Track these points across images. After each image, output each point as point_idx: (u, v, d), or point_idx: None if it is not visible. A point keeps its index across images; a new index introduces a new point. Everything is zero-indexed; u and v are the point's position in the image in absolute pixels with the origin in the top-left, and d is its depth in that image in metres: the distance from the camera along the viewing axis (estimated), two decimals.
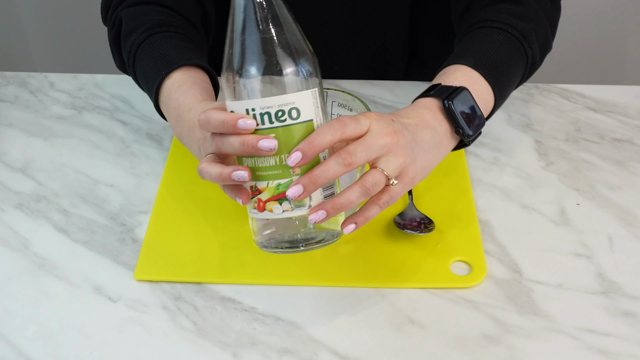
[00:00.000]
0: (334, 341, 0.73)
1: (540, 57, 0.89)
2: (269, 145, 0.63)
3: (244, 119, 0.63)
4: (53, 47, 2.03)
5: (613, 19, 1.89)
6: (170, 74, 0.82)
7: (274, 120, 0.63)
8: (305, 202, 0.65)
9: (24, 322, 0.75)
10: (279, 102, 0.63)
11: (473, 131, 0.76)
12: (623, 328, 0.74)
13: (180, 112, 0.79)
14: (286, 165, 0.64)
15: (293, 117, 0.63)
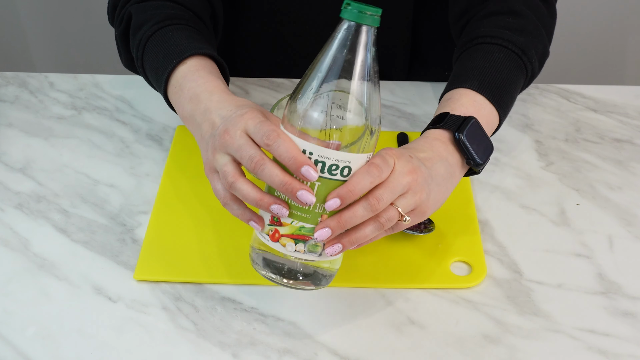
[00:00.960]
0: (334, 341, 0.73)
1: (539, 68, 0.89)
2: (307, 200, 0.63)
3: (310, 170, 0.62)
4: (53, 47, 2.03)
5: (613, 19, 1.89)
6: (185, 61, 0.80)
7: (325, 172, 0.63)
8: (319, 249, 0.66)
9: (24, 322, 0.75)
10: (337, 157, 0.63)
11: (483, 159, 0.76)
12: (623, 328, 0.74)
13: (197, 92, 0.76)
14: (318, 213, 0.65)
15: (344, 174, 0.64)
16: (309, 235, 0.65)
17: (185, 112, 0.78)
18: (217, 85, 0.77)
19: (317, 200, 0.64)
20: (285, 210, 0.65)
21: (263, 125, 0.65)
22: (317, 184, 0.64)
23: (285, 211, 0.65)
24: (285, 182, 0.63)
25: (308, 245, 0.66)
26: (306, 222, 0.65)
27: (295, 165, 0.63)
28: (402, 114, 1.02)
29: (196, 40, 0.84)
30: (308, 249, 0.66)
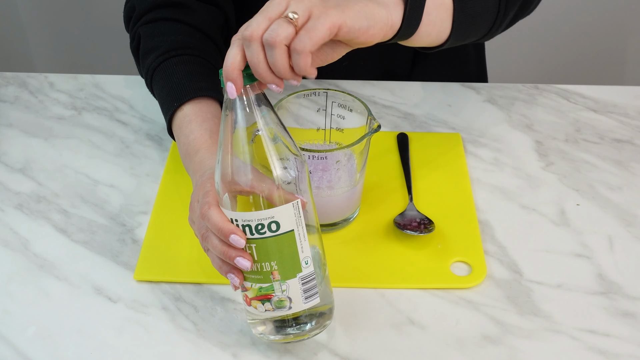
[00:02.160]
0: (334, 341, 0.73)
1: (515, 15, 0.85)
2: (243, 266, 0.66)
3: (237, 237, 0.65)
4: (53, 47, 2.03)
5: (613, 19, 1.89)
6: (182, 107, 0.84)
7: (254, 233, 0.65)
8: (286, 304, 0.67)
9: (24, 322, 0.75)
10: (258, 216, 0.65)
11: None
12: (623, 328, 0.74)
13: (188, 150, 0.80)
14: (268, 271, 0.66)
15: (272, 230, 0.65)
16: (270, 293, 0.67)
17: (185, 166, 0.82)
18: (203, 141, 0.79)
19: (260, 260, 0.66)
20: (237, 279, 0.67)
21: (203, 198, 0.68)
22: (253, 245, 0.65)
23: (237, 280, 0.67)
24: (224, 251, 0.66)
25: (273, 302, 0.67)
26: (261, 282, 0.67)
27: (223, 235, 0.65)
28: (402, 114, 1.02)
29: (197, 78, 0.86)
30: (275, 306, 0.67)
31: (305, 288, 0.67)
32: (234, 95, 0.64)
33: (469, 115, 1.02)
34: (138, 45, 0.92)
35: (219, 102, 0.86)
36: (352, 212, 0.84)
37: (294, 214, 0.65)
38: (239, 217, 0.65)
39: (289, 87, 1.06)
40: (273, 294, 0.67)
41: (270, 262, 0.66)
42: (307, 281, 0.67)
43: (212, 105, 0.84)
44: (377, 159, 0.92)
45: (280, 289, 0.67)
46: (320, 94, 0.82)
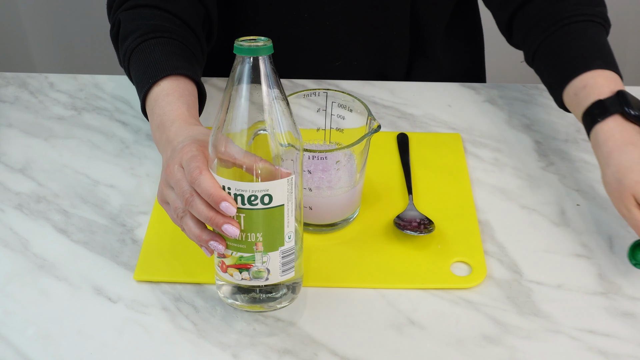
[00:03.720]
0: (334, 341, 0.73)
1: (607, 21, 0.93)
2: (231, 233, 0.66)
3: (228, 204, 0.65)
4: (53, 47, 2.03)
5: (613, 19, 1.89)
6: (159, 82, 0.83)
7: (246, 203, 0.65)
8: (264, 275, 0.68)
9: (24, 323, 0.75)
10: (254, 187, 0.65)
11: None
12: (623, 329, 0.74)
13: (163, 120, 0.79)
14: (252, 242, 0.67)
15: (265, 202, 0.65)
16: (250, 263, 0.68)
17: (155, 139, 0.81)
18: (180, 113, 0.79)
19: (246, 230, 0.66)
20: (221, 247, 0.67)
21: (191, 162, 0.67)
22: (242, 215, 0.66)
23: (221, 247, 0.67)
24: (210, 217, 0.66)
25: (252, 272, 0.68)
26: (243, 252, 0.67)
27: (214, 201, 0.65)
28: (402, 114, 1.02)
29: (174, 58, 0.85)
30: (253, 276, 0.68)
31: (284, 261, 0.69)
32: None
33: (469, 116, 1.02)
34: (118, 31, 0.92)
35: (195, 83, 0.85)
36: (352, 212, 0.84)
37: (287, 190, 0.66)
38: (233, 185, 0.65)
39: (289, 88, 1.06)
40: (253, 264, 0.68)
41: (256, 233, 0.66)
42: (287, 255, 0.69)
43: (189, 84, 0.84)
44: (377, 159, 0.92)
45: (261, 260, 0.68)
46: (320, 94, 0.82)
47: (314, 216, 0.82)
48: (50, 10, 1.95)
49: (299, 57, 1.09)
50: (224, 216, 0.66)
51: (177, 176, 0.69)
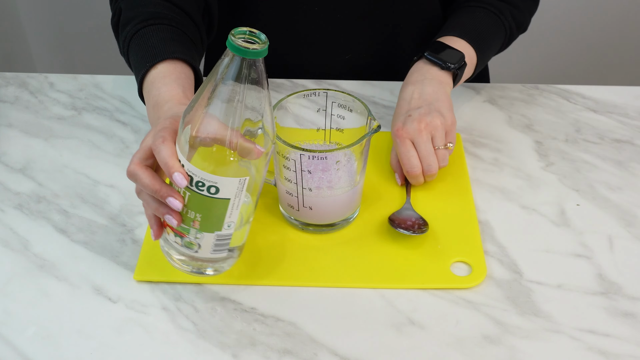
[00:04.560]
0: (334, 341, 0.73)
1: (517, 31, 1.05)
2: (175, 205, 0.68)
3: (180, 177, 0.67)
4: (53, 47, 2.03)
5: (613, 19, 1.89)
6: (156, 65, 0.84)
7: (193, 185, 0.67)
8: (194, 248, 0.71)
9: (24, 323, 0.75)
10: (203, 176, 0.66)
11: (453, 62, 0.93)
12: (623, 329, 0.74)
13: (158, 100, 0.81)
14: (190, 218, 0.69)
15: (211, 192, 0.67)
16: (185, 234, 0.70)
17: (150, 118, 0.82)
18: (175, 94, 0.80)
19: (188, 207, 0.68)
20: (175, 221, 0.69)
21: (158, 132, 0.70)
22: (187, 193, 0.68)
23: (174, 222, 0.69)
24: (156, 189, 0.69)
25: (184, 241, 0.70)
26: (181, 222, 0.69)
27: (168, 170, 0.67)
28: None
29: (172, 43, 0.87)
30: (184, 244, 0.71)
31: (217, 244, 0.71)
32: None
33: (469, 115, 1.02)
34: (119, 20, 0.93)
35: (192, 68, 0.87)
36: (352, 212, 0.84)
37: (236, 188, 0.67)
38: (187, 165, 0.67)
39: (289, 87, 1.06)
40: (187, 236, 0.70)
41: (196, 213, 0.68)
42: (222, 239, 0.71)
43: (186, 68, 0.86)
44: (377, 159, 0.92)
45: (195, 235, 0.70)
46: (320, 94, 0.82)
47: (314, 216, 0.82)
48: (50, 10, 1.95)
49: (307, 51, 1.09)
50: (170, 188, 0.68)
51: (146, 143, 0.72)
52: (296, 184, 0.79)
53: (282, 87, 1.06)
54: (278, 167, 0.80)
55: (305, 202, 0.80)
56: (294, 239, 0.83)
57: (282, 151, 0.77)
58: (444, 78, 0.92)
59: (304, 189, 0.79)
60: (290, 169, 0.78)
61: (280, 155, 0.78)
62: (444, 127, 0.87)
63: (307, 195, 0.80)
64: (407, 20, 1.07)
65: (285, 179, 0.80)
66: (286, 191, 0.81)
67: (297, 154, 0.76)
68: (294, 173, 0.78)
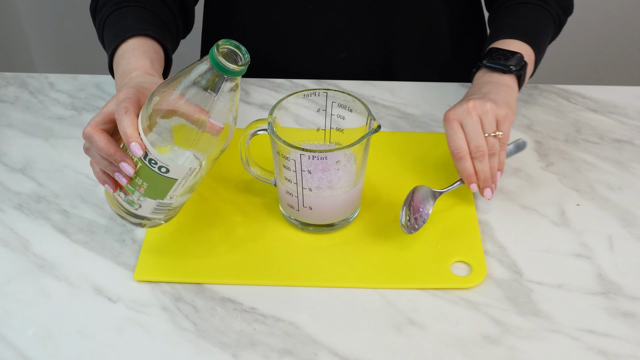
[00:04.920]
0: (334, 341, 0.73)
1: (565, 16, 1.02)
2: (127, 170, 0.72)
3: (137, 147, 0.70)
4: (53, 47, 2.03)
5: (613, 19, 1.89)
6: (127, 40, 0.87)
7: (146, 160, 0.71)
8: (135, 206, 0.75)
9: (24, 323, 0.75)
10: (157, 155, 0.70)
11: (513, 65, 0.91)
12: (623, 329, 0.74)
13: (126, 69, 0.83)
14: (135, 183, 0.73)
15: (160, 171, 0.71)
16: (129, 193, 0.74)
17: (117, 86, 0.85)
18: (143, 64, 0.84)
19: (136, 175, 0.72)
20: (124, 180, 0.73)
21: (122, 102, 0.72)
22: (139, 164, 0.71)
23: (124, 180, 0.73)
24: (110, 153, 0.72)
25: (127, 198, 0.74)
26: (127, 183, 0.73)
27: (126, 139, 0.70)
28: (402, 114, 1.02)
29: (145, 23, 0.91)
30: (126, 201, 0.74)
31: (158, 208, 0.75)
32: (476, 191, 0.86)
33: None
34: (96, 5, 0.96)
35: (162, 46, 0.90)
36: (352, 212, 0.84)
37: (185, 174, 0.72)
38: (144, 140, 0.70)
39: (289, 87, 1.06)
40: (130, 195, 0.74)
41: (143, 181, 0.72)
42: (163, 206, 0.75)
43: (157, 45, 0.89)
44: (377, 159, 0.92)
45: (138, 198, 0.74)
46: (320, 94, 0.82)
47: (314, 216, 0.82)
48: (50, 10, 1.95)
49: (302, 50, 1.09)
50: (124, 154, 0.71)
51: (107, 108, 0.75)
52: (296, 184, 0.79)
53: (282, 87, 1.06)
54: (278, 167, 0.80)
55: (305, 202, 0.80)
56: (294, 239, 0.83)
57: (282, 151, 0.77)
58: (508, 81, 0.90)
59: (304, 189, 0.79)
60: (290, 169, 0.78)
61: (280, 155, 0.78)
62: (494, 114, 0.84)
63: (307, 195, 0.80)
64: (403, 20, 1.07)
65: (285, 179, 0.80)
66: (286, 191, 0.81)
67: (297, 154, 0.76)
68: (294, 173, 0.78)
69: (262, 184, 0.87)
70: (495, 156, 0.84)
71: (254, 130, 0.80)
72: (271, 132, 0.78)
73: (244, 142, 0.82)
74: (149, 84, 0.77)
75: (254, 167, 0.84)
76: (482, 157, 0.83)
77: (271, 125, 0.78)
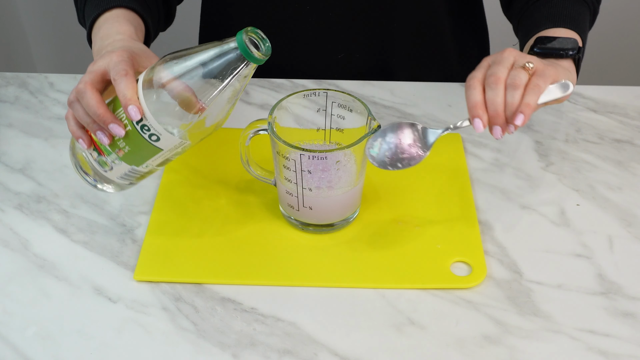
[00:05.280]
0: (334, 341, 0.73)
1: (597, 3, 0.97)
2: (118, 132, 0.71)
3: (135, 110, 0.69)
4: (53, 47, 2.03)
5: (613, 19, 1.89)
6: (111, 9, 0.87)
7: (137, 125, 0.71)
8: (105, 168, 0.75)
9: (24, 323, 0.75)
10: (152, 122, 0.70)
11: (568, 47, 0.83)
12: (623, 329, 0.74)
13: (110, 32, 0.83)
14: (116, 146, 0.73)
15: (151, 138, 0.71)
16: (105, 154, 0.74)
17: (96, 48, 0.84)
18: (127, 29, 0.84)
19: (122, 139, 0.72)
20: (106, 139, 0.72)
21: (119, 64, 0.72)
22: (128, 128, 0.71)
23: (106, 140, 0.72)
24: (101, 113, 0.71)
25: (99, 158, 0.75)
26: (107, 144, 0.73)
27: (125, 101, 0.70)
28: (402, 114, 1.02)
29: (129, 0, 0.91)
30: (98, 160, 0.75)
31: (128, 174, 0.76)
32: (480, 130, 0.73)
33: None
34: None
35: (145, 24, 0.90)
36: (352, 212, 0.84)
37: (173, 147, 0.73)
38: (143, 104, 0.70)
39: (289, 87, 1.06)
40: (105, 156, 0.74)
41: (126, 145, 0.73)
42: (133, 173, 0.76)
43: (138, 18, 0.89)
44: None
45: (113, 160, 0.74)
46: (320, 94, 0.82)
47: (314, 216, 0.82)
48: (50, 10, 1.95)
49: (300, 51, 1.09)
50: (115, 117, 0.71)
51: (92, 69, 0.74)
52: (296, 184, 0.79)
53: (282, 87, 1.06)
54: (278, 167, 0.80)
55: (305, 202, 0.80)
56: (294, 239, 0.83)
57: (282, 151, 0.77)
58: (566, 65, 0.83)
59: (304, 189, 0.79)
60: (290, 169, 0.78)
61: (280, 155, 0.78)
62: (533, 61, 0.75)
63: (307, 195, 0.80)
64: (402, 20, 1.07)
65: (285, 179, 0.80)
66: (286, 191, 0.81)
67: (297, 154, 0.76)
68: (294, 173, 0.78)
69: (262, 184, 0.87)
70: (519, 90, 0.72)
71: (254, 130, 0.80)
72: (271, 132, 0.78)
73: (244, 142, 0.82)
74: (138, 49, 0.78)
75: (254, 167, 0.84)
76: (497, 84, 0.73)
77: (271, 125, 0.78)
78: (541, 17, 0.91)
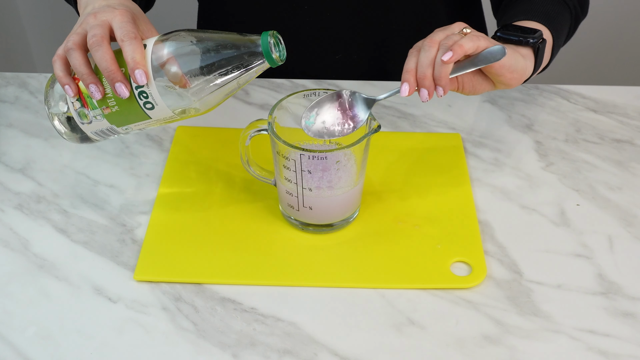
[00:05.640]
0: (334, 341, 0.73)
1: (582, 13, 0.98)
2: (122, 92, 0.70)
3: (142, 73, 0.69)
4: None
5: (613, 19, 1.89)
6: None
7: (135, 90, 0.71)
8: (85, 120, 0.75)
9: (24, 323, 0.75)
10: (152, 90, 0.71)
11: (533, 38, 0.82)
12: (623, 329, 0.74)
13: None
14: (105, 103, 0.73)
15: (145, 106, 0.72)
16: (89, 108, 0.74)
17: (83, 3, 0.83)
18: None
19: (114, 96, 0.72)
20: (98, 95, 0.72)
21: (128, 25, 0.71)
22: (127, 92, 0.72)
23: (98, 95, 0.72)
24: (111, 70, 0.70)
25: (80, 110, 0.74)
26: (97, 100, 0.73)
27: (133, 64, 0.69)
28: (402, 114, 1.02)
29: None
30: (78, 112, 0.75)
31: (104, 132, 0.77)
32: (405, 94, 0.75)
33: (469, 116, 1.02)
34: None
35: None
36: (352, 213, 0.84)
37: (162, 118, 0.74)
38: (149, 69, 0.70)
39: (289, 87, 1.06)
40: (87, 111, 0.74)
41: (116, 105, 0.73)
42: (110, 132, 0.77)
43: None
44: (377, 159, 0.92)
45: (95, 115, 0.74)
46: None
47: (314, 216, 0.82)
48: (50, 10, 1.95)
49: (297, 50, 1.09)
50: (124, 77, 0.70)
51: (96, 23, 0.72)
52: (296, 184, 0.79)
53: (282, 87, 1.06)
54: (278, 167, 0.80)
55: (305, 202, 0.80)
56: (294, 239, 0.83)
57: (282, 151, 0.77)
58: (524, 52, 0.83)
59: (304, 189, 0.79)
60: (290, 169, 0.78)
61: (280, 155, 0.78)
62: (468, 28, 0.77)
63: (307, 195, 0.80)
64: (399, 20, 1.07)
65: (285, 179, 0.80)
66: (286, 191, 0.81)
67: (297, 154, 0.76)
68: (294, 173, 0.78)
69: (262, 184, 0.87)
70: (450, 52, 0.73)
71: (254, 130, 0.80)
72: (271, 132, 0.78)
73: (244, 142, 0.82)
74: (137, 11, 0.77)
75: (254, 167, 0.84)
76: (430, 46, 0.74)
77: (271, 125, 0.78)
78: (517, 12, 0.93)
